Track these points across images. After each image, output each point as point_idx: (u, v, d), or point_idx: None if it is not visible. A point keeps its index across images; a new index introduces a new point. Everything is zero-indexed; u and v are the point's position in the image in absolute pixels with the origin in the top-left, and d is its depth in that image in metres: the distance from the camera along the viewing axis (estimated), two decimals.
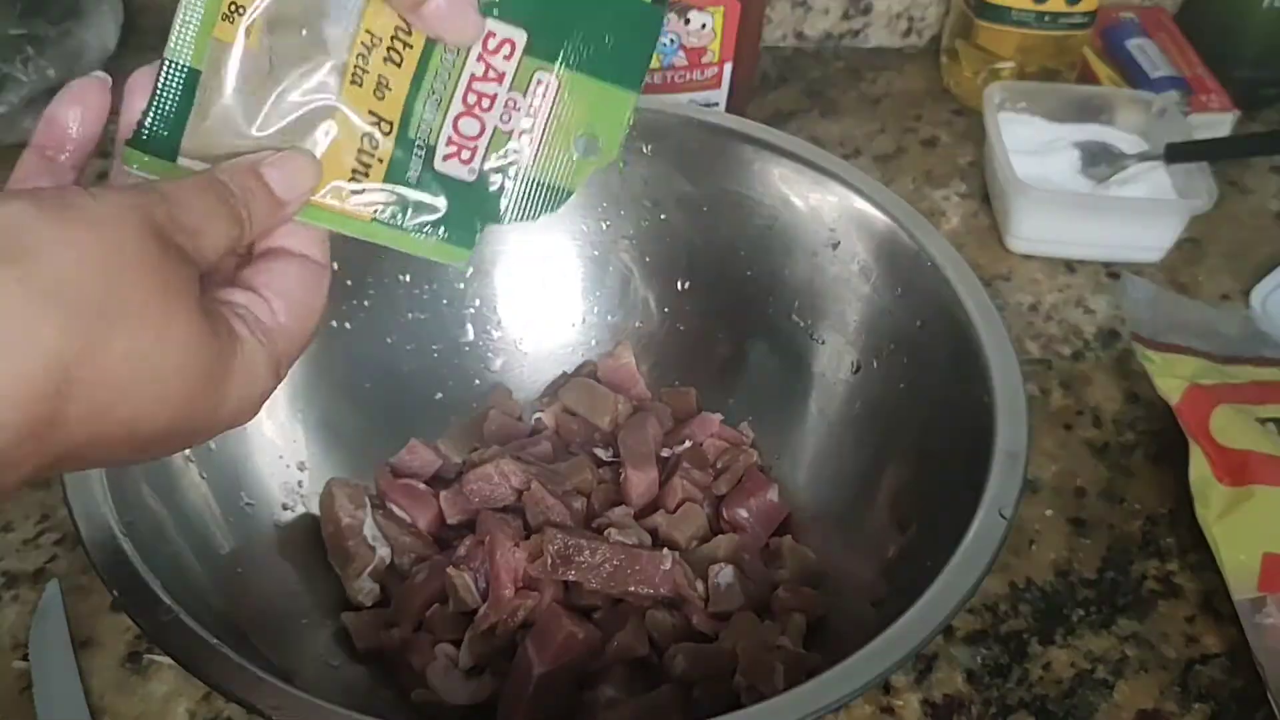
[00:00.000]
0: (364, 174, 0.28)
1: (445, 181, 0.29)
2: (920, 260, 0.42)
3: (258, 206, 0.26)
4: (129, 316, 0.21)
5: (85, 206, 0.21)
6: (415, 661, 0.40)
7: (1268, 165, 0.68)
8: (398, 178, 0.28)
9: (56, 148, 0.26)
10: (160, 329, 0.22)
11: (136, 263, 0.21)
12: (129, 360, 0.21)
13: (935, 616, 0.31)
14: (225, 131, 0.27)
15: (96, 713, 0.39)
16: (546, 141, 0.29)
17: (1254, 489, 0.45)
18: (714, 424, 0.48)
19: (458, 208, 0.29)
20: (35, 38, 0.62)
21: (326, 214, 0.28)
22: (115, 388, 0.21)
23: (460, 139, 0.28)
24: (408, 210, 0.28)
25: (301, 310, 0.27)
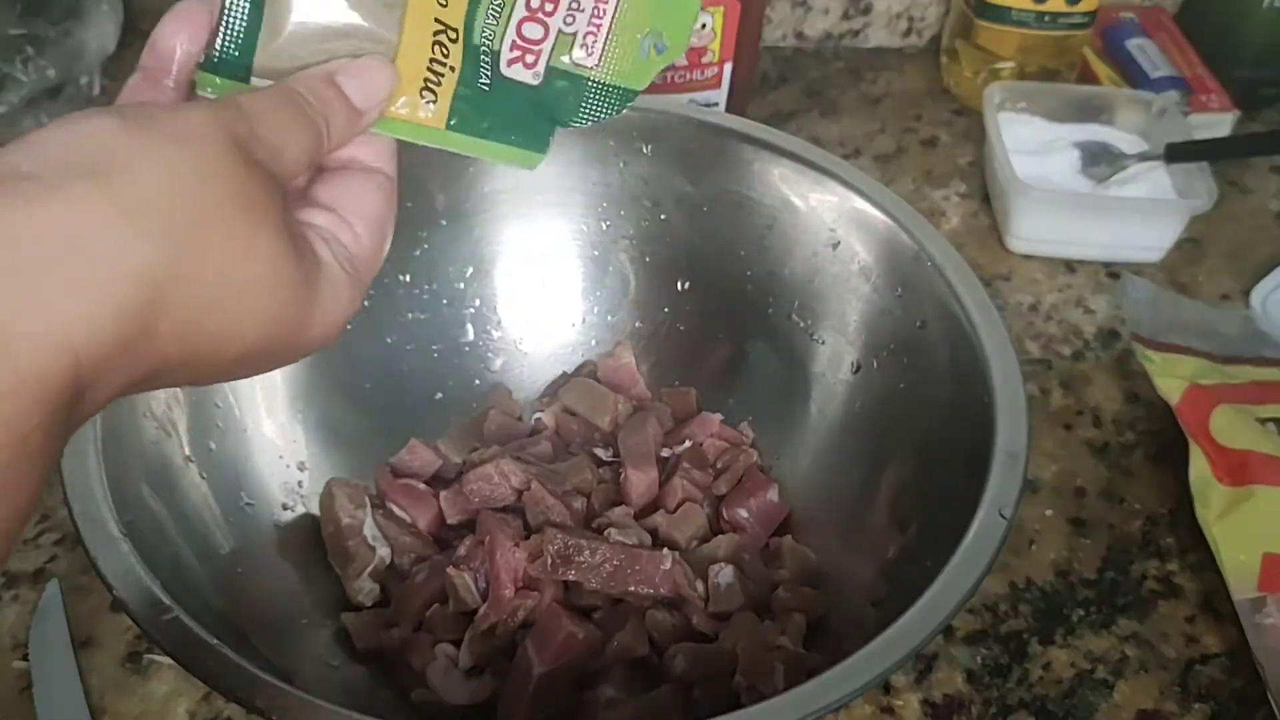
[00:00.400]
0: (436, 83, 0.28)
1: (513, 86, 0.28)
2: (920, 260, 0.42)
3: (336, 117, 0.25)
4: (217, 231, 0.21)
5: (170, 121, 0.21)
6: (415, 661, 0.40)
7: (1268, 165, 0.68)
8: (468, 85, 0.28)
9: (161, 70, 0.26)
10: (247, 245, 0.22)
11: (222, 178, 0.21)
12: (217, 275, 0.21)
13: (935, 616, 0.31)
14: (296, 46, 0.26)
15: (96, 712, 0.40)
16: (611, 42, 0.28)
17: (1254, 489, 0.45)
18: (714, 424, 0.48)
19: (527, 112, 0.29)
20: (35, 38, 0.62)
21: (401, 124, 0.28)
22: (204, 303, 0.21)
23: (524, 42, 0.28)
24: (480, 117, 0.28)
25: (379, 229, 0.27)
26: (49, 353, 0.18)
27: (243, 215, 0.22)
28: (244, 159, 0.22)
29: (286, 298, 0.23)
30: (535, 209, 0.49)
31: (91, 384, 0.20)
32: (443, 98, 0.28)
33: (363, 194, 0.26)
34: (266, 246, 0.22)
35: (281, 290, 0.23)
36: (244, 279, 0.22)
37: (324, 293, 0.24)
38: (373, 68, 0.26)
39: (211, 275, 0.21)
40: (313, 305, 0.24)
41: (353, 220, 0.26)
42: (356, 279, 0.26)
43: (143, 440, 0.37)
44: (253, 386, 0.43)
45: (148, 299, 0.20)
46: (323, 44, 0.26)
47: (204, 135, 0.21)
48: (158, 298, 0.20)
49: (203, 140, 0.21)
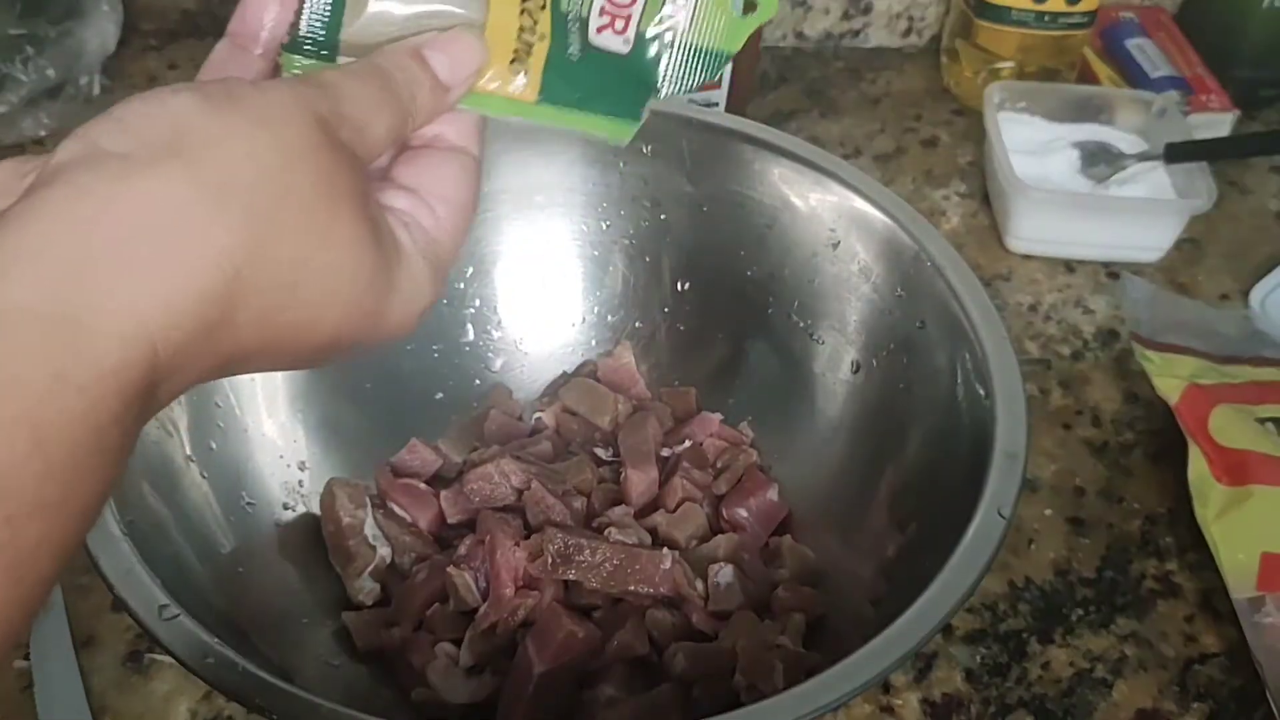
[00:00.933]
0: (525, 53, 0.26)
1: (603, 55, 0.27)
2: (920, 260, 0.42)
3: (422, 92, 0.24)
4: (298, 215, 0.20)
5: (251, 101, 0.21)
6: (416, 660, 0.40)
7: (1267, 165, 0.68)
8: (558, 55, 0.27)
9: (249, 39, 0.25)
10: (327, 230, 0.21)
11: (304, 160, 0.21)
12: (297, 262, 0.20)
13: (934, 616, 0.31)
14: (381, 24, 0.25)
15: (97, 712, 0.40)
16: (700, 4, 0.27)
17: (1253, 489, 0.45)
18: (714, 424, 0.48)
19: (617, 81, 0.27)
20: (35, 37, 0.62)
21: (490, 99, 0.26)
22: (283, 290, 0.20)
23: (614, 8, 0.27)
24: (571, 88, 0.27)
25: (462, 213, 0.26)
26: (127, 346, 0.18)
27: (324, 199, 0.21)
28: (327, 139, 0.21)
29: (364, 286, 0.22)
30: (535, 209, 0.49)
31: (168, 374, 0.19)
32: (533, 70, 0.27)
33: (445, 175, 0.25)
34: (347, 232, 0.21)
35: (361, 278, 0.22)
36: (323, 265, 0.21)
37: (403, 280, 0.23)
38: (461, 41, 0.25)
39: (291, 260, 0.20)
40: (391, 293, 0.23)
41: (434, 203, 0.25)
42: (437, 265, 0.25)
43: (144, 440, 0.37)
44: (253, 386, 0.43)
45: (228, 285, 0.19)
46: (409, 20, 0.25)
47: (287, 115, 0.21)
48: (238, 284, 0.19)
49: (285, 120, 0.21)
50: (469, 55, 0.25)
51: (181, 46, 0.73)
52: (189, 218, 0.19)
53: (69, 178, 0.18)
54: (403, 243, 0.24)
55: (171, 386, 0.20)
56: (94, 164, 0.19)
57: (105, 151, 0.19)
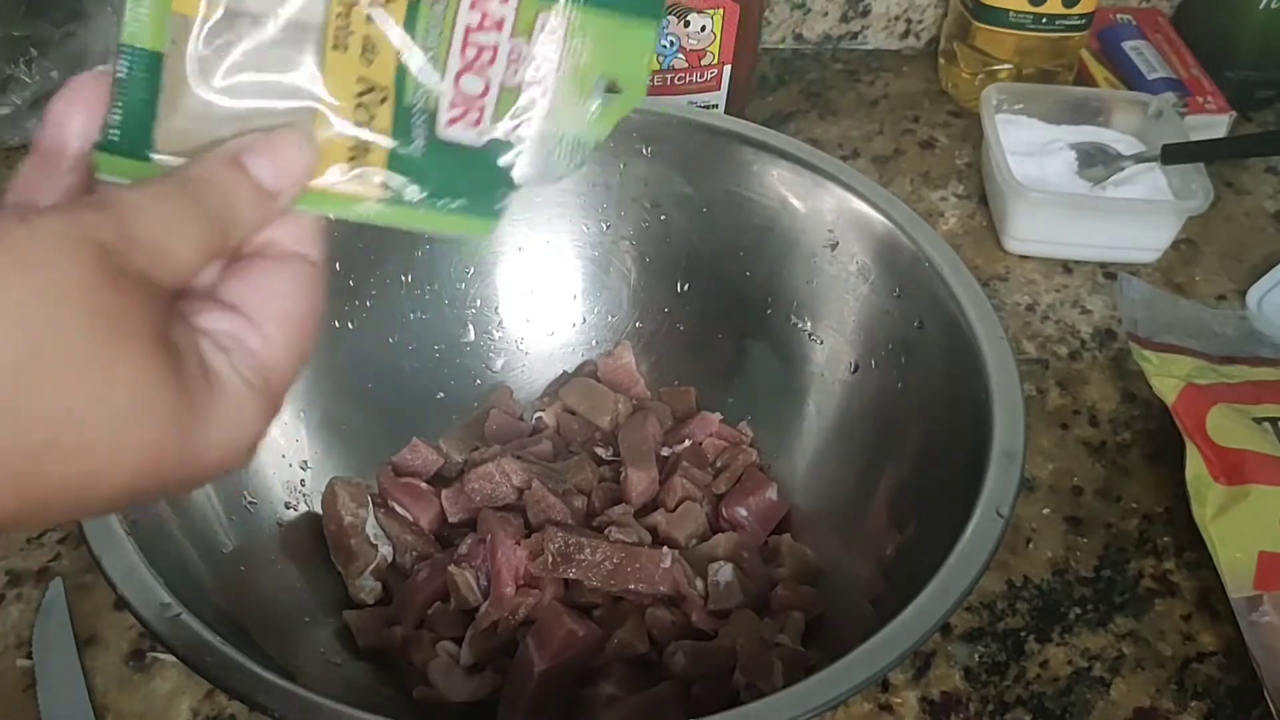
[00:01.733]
0: (364, 149, 0.24)
1: (454, 150, 0.25)
2: (918, 261, 0.42)
3: (243, 203, 0.22)
4: (59, 368, 0.18)
5: (15, 241, 0.19)
6: (417, 659, 0.40)
7: (1263, 166, 0.68)
8: (402, 150, 0.25)
9: (56, 153, 0.23)
10: (104, 378, 0.19)
11: (72, 303, 0.19)
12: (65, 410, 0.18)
13: (933, 614, 0.31)
14: (200, 118, 0.23)
15: (100, 710, 0.40)
16: (561, 92, 0.25)
17: (1250, 488, 0.45)
18: (713, 423, 0.48)
19: (472, 176, 0.26)
20: (39, 39, 0.62)
21: (327, 198, 0.24)
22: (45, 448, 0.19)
23: (464, 99, 0.25)
24: (418, 185, 0.25)
25: (297, 328, 0.23)
26: None
27: (100, 341, 0.19)
28: (108, 272, 0.19)
29: (163, 428, 0.20)
30: (536, 210, 0.50)
31: None
32: (374, 164, 0.25)
33: (274, 288, 0.23)
34: (130, 372, 0.19)
35: (152, 422, 0.20)
36: (102, 415, 0.19)
37: (217, 412, 0.21)
38: (285, 142, 0.23)
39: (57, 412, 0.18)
40: (200, 429, 0.21)
41: (261, 321, 0.22)
42: (265, 390, 0.22)
43: None
44: None
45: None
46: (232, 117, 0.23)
47: (55, 251, 0.19)
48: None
49: (55, 259, 0.19)
50: (295, 157, 0.23)
51: None
52: None
53: None
54: (218, 371, 0.21)
55: None
56: None
57: None
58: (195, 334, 0.22)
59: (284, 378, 0.23)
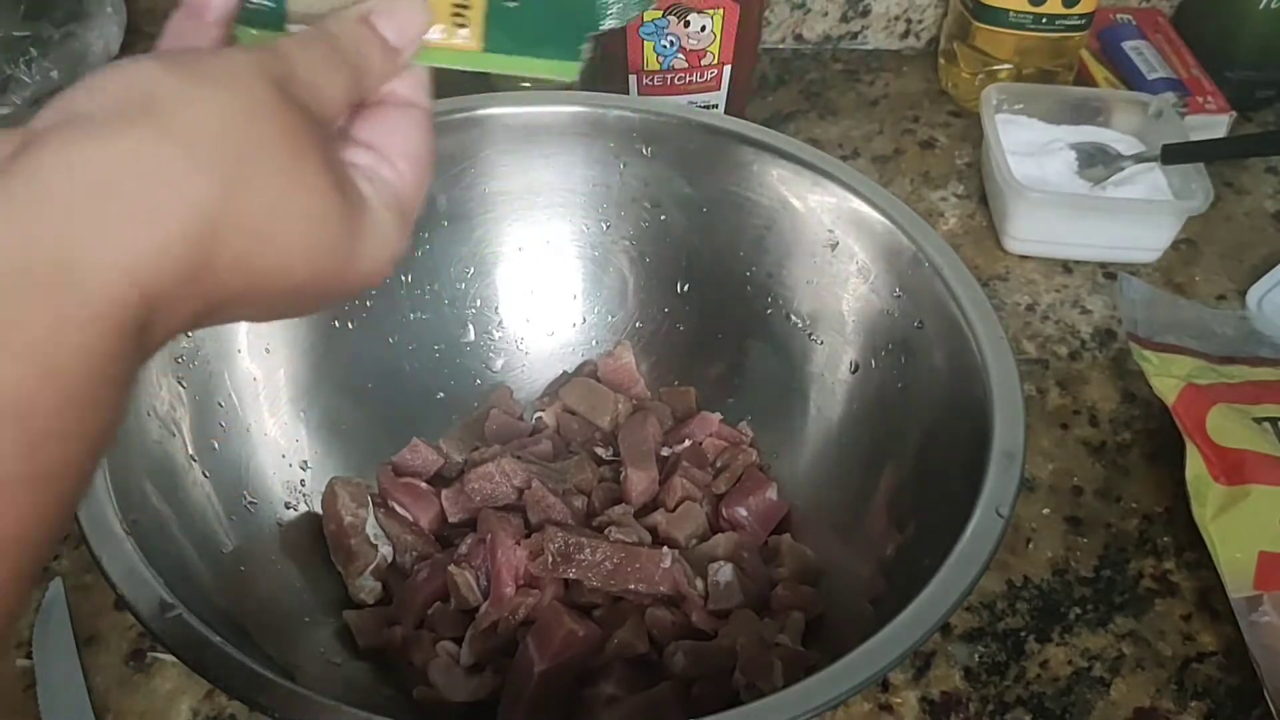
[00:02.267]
0: (465, 5, 0.28)
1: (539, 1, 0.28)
2: (918, 261, 0.42)
3: (372, 56, 0.26)
4: (265, 166, 0.22)
5: (212, 65, 0.22)
6: (417, 659, 0.40)
7: (1263, 166, 0.68)
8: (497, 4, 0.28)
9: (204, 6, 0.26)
10: (293, 179, 0.22)
11: (266, 116, 0.22)
12: (268, 208, 0.22)
13: (933, 614, 0.31)
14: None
15: (100, 710, 0.40)
16: None
17: (1250, 488, 0.45)
18: (713, 423, 0.48)
19: (556, 23, 0.29)
20: (39, 39, 0.62)
21: (439, 52, 0.28)
22: (258, 234, 0.22)
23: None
24: (513, 34, 0.28)
25: (420, 164, 0.27)
26: (118, 282, 0.19)
27: (288, 151, 0.22)
28: (285, 98, 0.23)
29: (333, 231, 0.23)
30: (536, 210, 0.50)
31: (158, 314, 0.20)
32: (474, 20, 0.28)
33: (401, 130, 0.27)
34: (312, 181, 0.23)
35: (328, 224, 0.23)
36: (292, 212, 0.22)
37: (369, 228, 0.25)
38: (406, 6, 0.26)
39: (262, 208, 0.22)
40: (359, 240, 0.24)
41: (394, 157, 0.26)
42: (401, 215, 0.26)
43: (146, 440, 0.37)
44: (255, 386, 0.43)
45: (207, 229, 0.21)
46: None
47: (246, 76, 0.22)
48: (215, 228, 0.21)
49: (245, 80, 0.22)
50: (415, 18, 0.26)
51: None
52: (165, 169, 0.20)
53: (50, 139, 0.20)
54: (366, 194, 0.25)
55: (164, 327, 0.21)
56: (73, 126, 0.20)
57: (82, 114, 0.20)
58: (343, 164, 0.25)
59: (413, 204, 0.27)
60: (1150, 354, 0.51)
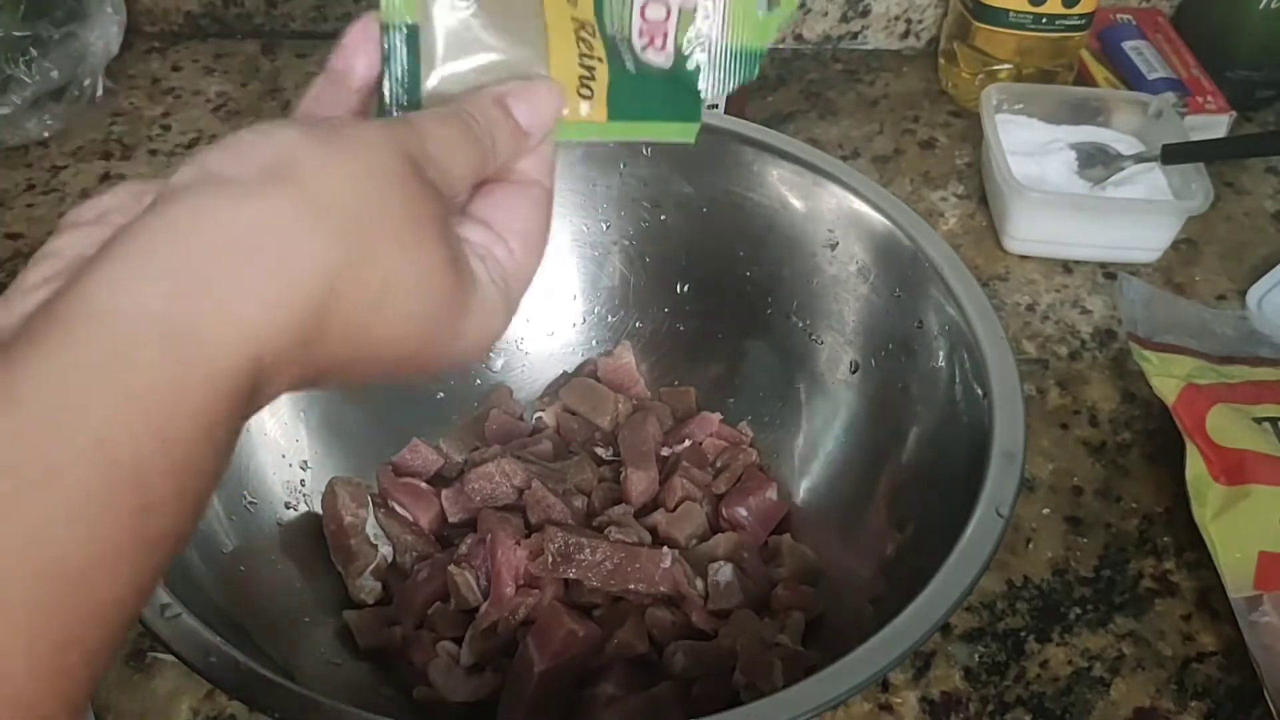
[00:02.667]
0: (590, 78, 0.28)
1: (653, 69, 0.29)
2: (918, 261, 0.42)
3: (502, 137, 0.26)
4: (388, 237, 0.22)
5: (350, 135, 0.22)
6: (417, 659, 0.40)
7: (1264, 166, 0.68)
8: (617, 73, 0.28)
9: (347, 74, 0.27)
10: (413, 253, 0.22)
11: (395, 189, 0.22)
12: (385, 280, 0.22)
13: (933, 614, 0.31)
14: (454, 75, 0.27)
15: (100, 710, 0.40)
16: (729, 9, 0.29)
17: (1250, 488, 0.45)
18: (713, 423, 0.48)
19: (671, 89, 0.29)
20: (38, 39, 0.62)
21: (567, 126, 0.28)
22: (372, 304, 0.22)
23: (650, 26, 0.29)
24: (634, 101, 0.29)
25: (534, 245, 0.27)
26: (236, 348, 0.19)
27: (411, 224, 0.23)
28: (415, 173, 0.23)
29: (444, 306, 0.24)
30: None
31: (269, 378, 0.21)
32: (599, 91, 0.28)
33: (519, 209, 0.27)
34: (430, 256, 0.23)
35: (440, 299, 0.23)
36: (408, 285, 0.23)
37: (476, 305, 0.25)
38: (540, 91, 0.27)
39: (380, 279, 0.22)
40: (466, 316, 0.24)
41: (508, 236, 0.26)
42: (508, 294, 0.26)
43: None
44: None
45: (325, 297, 0.21)
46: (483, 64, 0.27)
47: (380, 148, 0.23)
48: (333, 297, 0.21)
49: (379, 152, 0.22)
50: (548, 103, 0.27)
51: (184, 48, 0.74)
52: (292, 235, 0.21)
53: (184, 198, 0.20)
54: (477, 272, 0.25)
55: (270, 390, 0.21)
56: (207, 186, 0.20)
57: (218, 175, 0.21)
58: (460, 240, 0.25)
59: (522, 285, 0.27)
60: (1150, 354, 0.51)
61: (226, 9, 0.74)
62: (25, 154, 0.65)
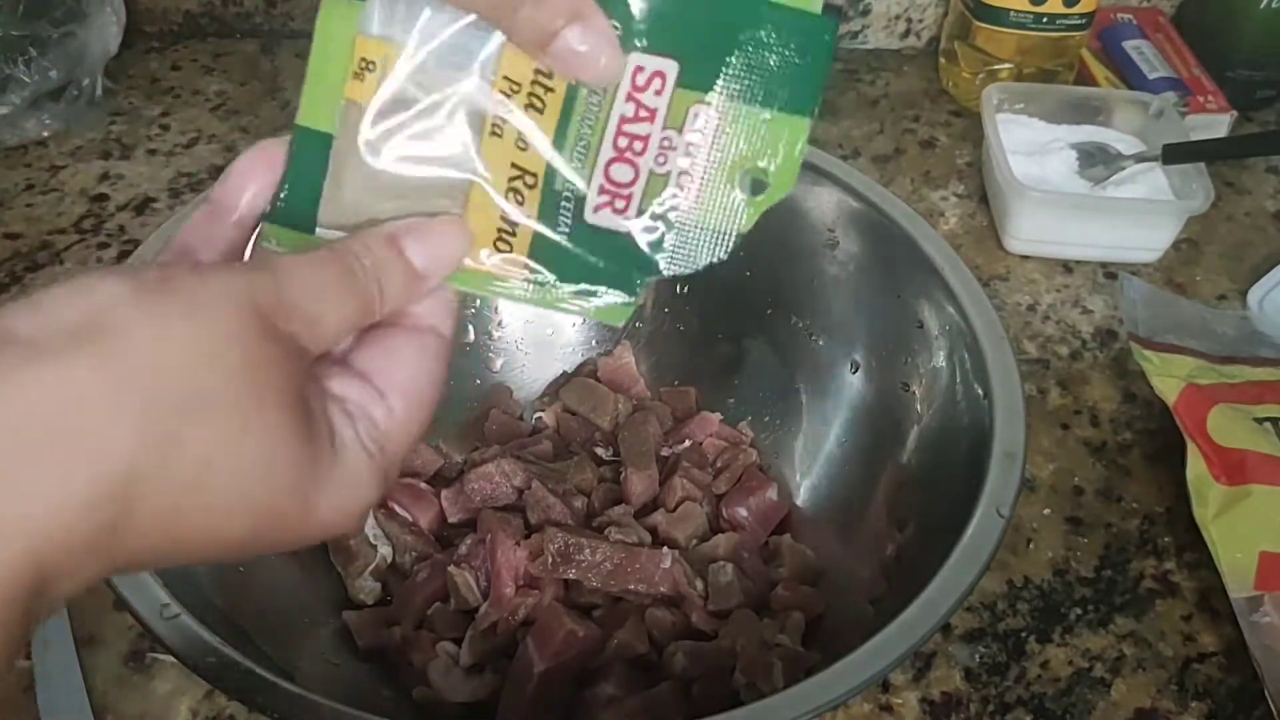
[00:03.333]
0: (510, 233, 0.25)
1: (598, 234, 0.26)
2: (918, 261, 0.42)
3: (393, 282, 0.23)
4: (212, 411, 0.19)
5: (183, 288, 0.20)
6: (416, 659, 0.40)
7: (1264, 166, 0.68)
8: (546, 234, 0.25)
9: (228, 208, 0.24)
10: (243, 428, 0.20)
11: (229, 351, 0.20)
12: (205, 461, 0.19)
13: (933, 615, 0.31)
14: (362, 198, 0.25)
15: (99, 711, 0.40)
16: (708, 182, 0.25)
17: (1251, 488, 0.45)
18: (713, 423, 0.48)
19: (613, 261, 0.26)
20: (38, 39, 0.62)
21: (472, 276, 0.25)
22: (189, 490, 0.19)
23: (613, 187, 0.25)
24: (560, 267, 0.26)
25: (420, 400, 0.24)
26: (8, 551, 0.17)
27: (247, 395, 0.20)
28: (261, 330, 0.20)
29: (285, 483, 0.21)
30: None
31: (56, 578, 0.18)
32: (518, 248, 0.25)
33: (404, 360, 0.24)
34: (269, 430, 0.20)
35: (279, 475, 0.21)
36: (237, 465, 0.20)
37: (337, 477, 0.22)
38: (443, 231, 0.24)
39: (195, 462, 0.19)
40: (320, 490, 0.21)
41: (388, 391, 0.24)
42: (383, 460, 0.23)
43: None
44: None
45: (124, 486, 0.18)
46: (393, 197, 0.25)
47: (218, 304, 0.20)
48: (136, 484, 0.18)
49: (215, 309, 0.20)
50: (450, 246, 0.24)
51: (183, 48, 0.74)
52: (86, 413, 0.18)
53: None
54: (343, 436, 0.22)
55: (64, 587, 0.19)
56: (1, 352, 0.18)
57: (13, 336, 0.18)
58: (327, 398, 0.23)
59: (401, 448, 0.24)
60: (1151, 354, 0.51)
61: (226, 8, 0.74)
62: (24, 154, 0.64)
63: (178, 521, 0.20)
